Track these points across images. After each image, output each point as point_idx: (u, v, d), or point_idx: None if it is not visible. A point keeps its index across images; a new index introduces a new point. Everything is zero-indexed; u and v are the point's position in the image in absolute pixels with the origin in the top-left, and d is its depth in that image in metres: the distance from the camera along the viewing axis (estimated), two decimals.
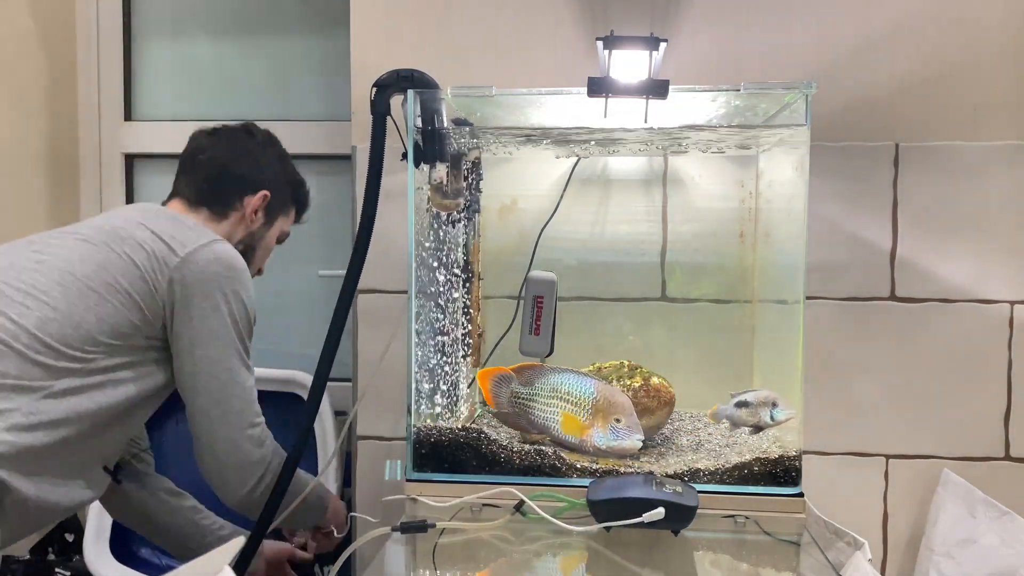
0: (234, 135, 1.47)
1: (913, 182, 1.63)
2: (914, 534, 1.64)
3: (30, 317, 1.19)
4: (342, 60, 1.77)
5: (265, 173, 1.45)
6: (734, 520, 1.31)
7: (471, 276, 1.64)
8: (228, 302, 1.29)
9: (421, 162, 1.45)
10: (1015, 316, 1.62)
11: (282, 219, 1.50)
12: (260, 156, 1.46)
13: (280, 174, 1.48)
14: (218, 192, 1.42)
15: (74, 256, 1.25)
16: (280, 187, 1.47)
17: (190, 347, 1.27)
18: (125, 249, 1.26)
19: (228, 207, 1.42)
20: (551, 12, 1.68)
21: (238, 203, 1.43)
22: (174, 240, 1.29)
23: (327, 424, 1.90)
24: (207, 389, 1.28)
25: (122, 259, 1.25)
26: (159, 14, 2.20)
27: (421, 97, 1.42)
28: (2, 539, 1.19)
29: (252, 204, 1.43)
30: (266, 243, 1.49)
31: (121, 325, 1.24)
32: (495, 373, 1.43)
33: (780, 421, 1.38)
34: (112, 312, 1.23)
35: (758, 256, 1.65)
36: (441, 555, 1.23)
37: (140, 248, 1.27)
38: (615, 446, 1.33)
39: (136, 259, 1.26)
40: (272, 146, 1.49)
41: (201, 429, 1.30)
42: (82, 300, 1.21)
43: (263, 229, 1.47)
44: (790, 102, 1.40)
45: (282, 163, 1.49)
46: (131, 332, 1.25)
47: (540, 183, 1.69)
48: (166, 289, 1.26)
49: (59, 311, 1.20)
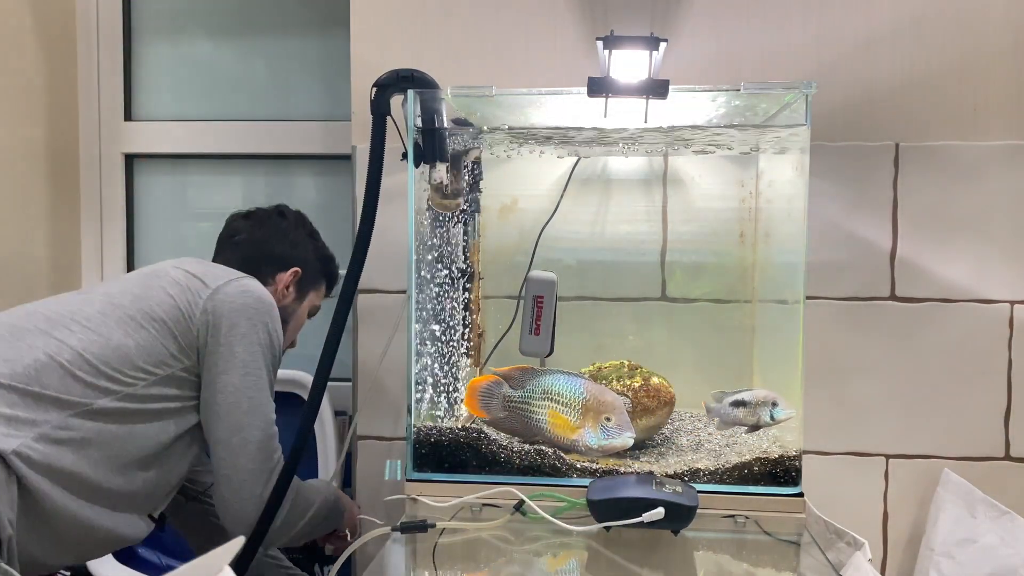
0: (268, 217, 1.55)
1: (913, 182, 1.63)
2: (914, 534, 1.64)
3: (73, 338, 1.25)
4: (342, 60, 1.77)
5: (297, 251, 1.53)
6: (734, 520, 1.31)
7: (471, 276, 1.64)
8: (255, 332, 1.33)
9: (421, 162, 1.45)
10: (1015, 316, 1.62)
11: (313, 294, 1.56)
12: (292, 235, 1.54)
13: (311, 251, 1.55)
14: (254, 270, 1.47)
15: (114, 289, 1.34)
16: (311, 263, 1.54)
17: (215, 375, 1.31)
18: (162, 283, 1.34)
19: (262, 283, 1.46)
20: (551, 12, 1.68)
21: (271, 280, 1.50)
22: (206, 275, 1.36)
23: (327, 424, 1.90)
24: (228, 416, 1.31)
25: (158, 292, 1.33)
26: (159, 14, 2.20)
27: (421, 97, 1.42)
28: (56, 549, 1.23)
29: (284, 280, 1.50)
30: (298, 317, 1.55)
31: (158, 352, 1.29)
32: (484, 381, 1.42)
33: (780, 420, 1.38)
34: (150, 339, 1.29)
35: (758, 256, 1.65)
36: (441, 555, 1.23)
37: (175, 283, 1.34)
38: (606, 445, 1.34)
39: (171, 292, 1.33)
40: (303, 226, 1.57)
41: (220, 460, 1.32)
42: (121, 326, 1.28)
43: (295, 304, 1.53)
44: (790, 102, 1.40)
45: (313, 241, 1.57)
46: (169, 361, 1.30)
47: (540, 183, 1.69)
48: (199, 319, 1.31)
49: (101, 335, 1.26)
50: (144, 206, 2.21)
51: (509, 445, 1.37)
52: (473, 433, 1.38)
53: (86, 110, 2.16)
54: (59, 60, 2.10)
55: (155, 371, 1.28)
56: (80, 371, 1.23)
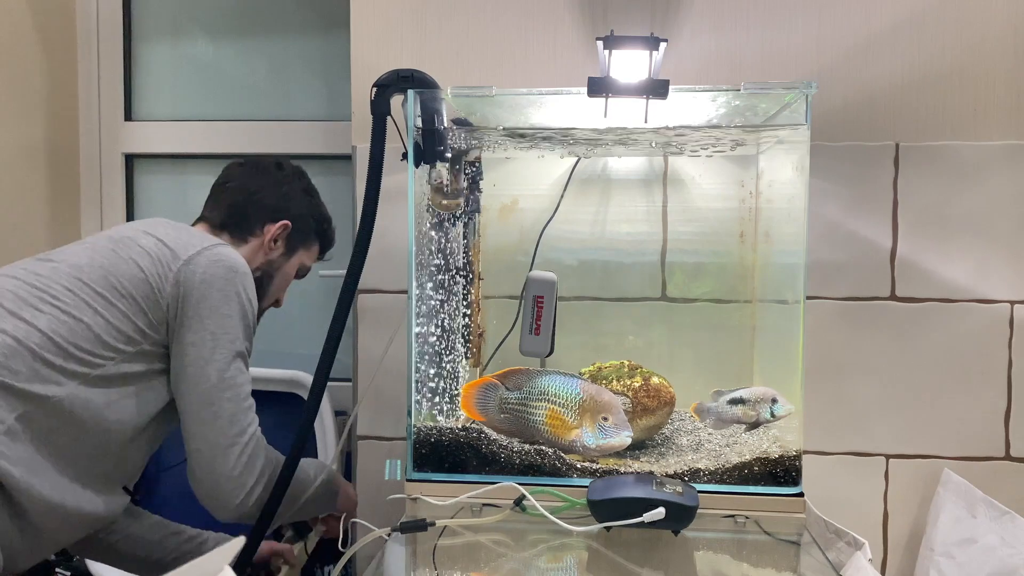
0: (263, 166, 1.51)
1: (913, 182, 1.63)
2: (914, 534, 1.64)
3: (42, 320, 1.21)
4: (342, 60, 1.77)
5: (289, 204, 1.49)
6: (734, 520, 1.31)
7: (471, 276, 1.64)
8: (227, 303, 1.29)
9: (421, 162, 1.45)
10: (1015, 316, 1.62)
11: (303, 252, 1.52)
12: (286, 187, 1.50)
13: (305, 207, 1.51)
14: (240, 218, 1.45)
15: (82, 261, 1.28)
16: (303, 219, 1.50)
17: (184, 347, 1.28)
18: (131, 255, 1.29)
19: (248, 233, 1.46)
20: (551, 12, 1.68)
21: (258, 230, 1.46)
22: (177, 244, 1.31)
23: (327, 424, 1.90)
24: (197, 389, 1.27)
25: (127, 264, 1.28)
26: (159, 14, 2.20)
27: (421, 97, 1.42)
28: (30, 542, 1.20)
29: (272, 232, 1.46)
30: (284, 273, 1.51)
31: (128, 328, 1.25)
32: (480, 384, 1.42)
33: (781, 416, 1.38)
34: (119, 316, 1.25)
35: (758, 256, 1.65)
36: (441, 555, 1.23)
37: (144, 253, 1.29)
38: (604, 444, 1.34)
39: (141, 263, 1.28)
40: (299, 179, 1.53)
41: (190, 434, 1.29)
42: (90, 304, 1.24)
43: (282, 259, 1.49)
44: (790, 102, 1.40)
45: (308, 197, 1.52)
46: (139, 338, 1.27)
47: (540, 183, 1.69)
48: (170, 292, 1.27)
49: (70, 315, 1.23)
50: (144, 206, 2.21)
51: (509, 445, 1.37)
52: (473, 433, 1.38)
53: (86, 110, 2.16)
54: (59, 60, 2.10)
55: (125, 348, 1.25)
56: (50, 354, 1.19)
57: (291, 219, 1.48)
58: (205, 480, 1.28)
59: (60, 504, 1.21)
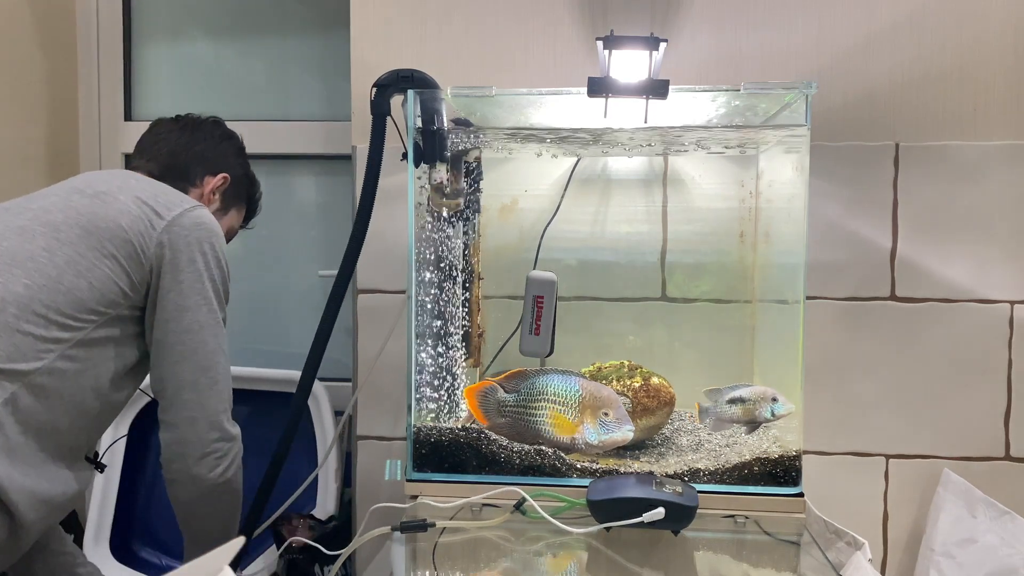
0: (198, 122, 1.48)
1: (913, 182, 1.63)
2: (914, 534, 1.64)
3: (18, 284, 1.14)
4: (342, 60, 1.77)
5: (227, 160, 1.46)
6: (734, 520, 1.31)
7: (471, 276, 1.64)
8: (212, 267, 1.27)
9: (421, 162, 1.45)
10: (1015, 316, 1.62)
11: (235, 212, 1.50)
12: (225, 144, 1.47)
13: (240, 167, 1.49)
14: (181, 168, 1.41)
15: (58, 219, 1.20)
16: (239, 179, 1.48)
17: (177, 312, 1.23)
18: (111, 212, 1.22)
19: (189, 183, 1.41)
20: (551, 12, 1.68)
21: (199, 182, 1.42)
22: (158, 203, 1.26)
23: (327, 424, 1.90)
24: (195, 356, 1.24)
25: (109, 224, 1.21)
26: (159, 14, 2.20)
27: (421, 97, 1.42)
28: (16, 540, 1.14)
29: (211, 184, 1.43)
30: None
31: (111, 291, 1.20)
32: (479, 388, 1.42)
33: (782, 416, 1.38)
34: (103, 278, 1.19)
35: (758, 256, 1.65)
36: (441, 555, 1.23)
37: (125, 212, 1.23)
38: (607, 440, 1.33)
39: (123, 223, 1.22)
40: (231, 139, 1.50)
41: (184, 403, 1.24)
42: (71, 266, 1.17)
43: (218, 214, 1.44)
44: (790, 102, 1.40)
45: (242, 158, 1.50)
46: (120, 300, 1.21)
47: (540, 183, 1.70)
48: (153, 252, 1.23)
49: (50, 277, 1.15)
50: None
51: (509, 445, 1.37)
52: (473, 433, 1.38)
53: (86, 110, 2.16)
54: (59, 60, 2.10)
55: (107, 311, 1.19)
56: (28, 324, 1.12)
57: (231, 175, 1.45)
58: (196, 450, 1.25)
59: (43, 492, 1.15)
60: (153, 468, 1.99)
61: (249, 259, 2.16)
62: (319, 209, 2.17)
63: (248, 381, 1.98)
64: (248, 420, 2.03)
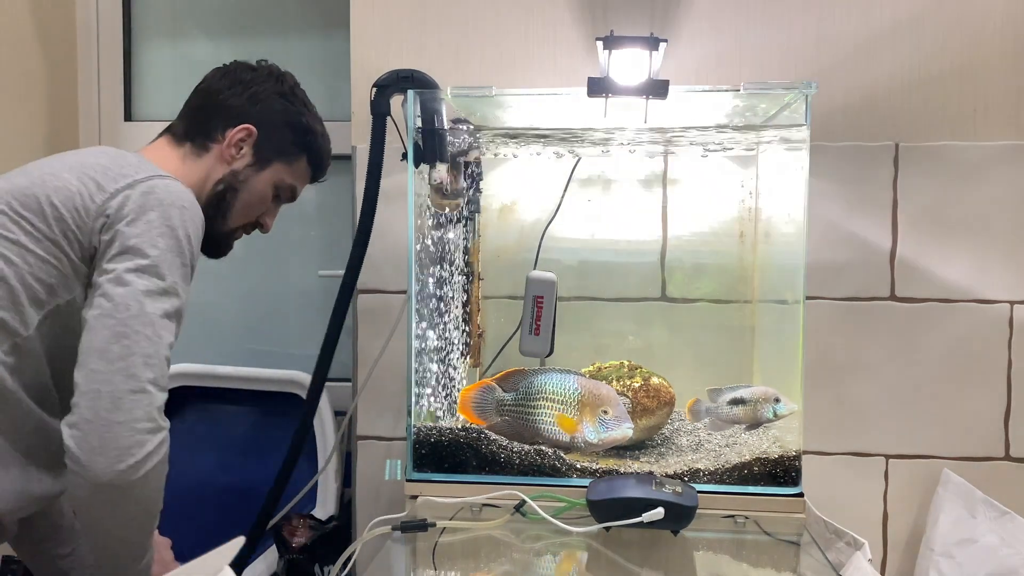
0: (238, 68, 1.33)
1: (913, 182, 1.63)
2: (914, 534, 1.64)
3: None
4: (342, 60, 1.77)
5: (257, 107, 1.29)
6: (734, 520, 1.31)
7: (471, 276, 1.64)
8: (156, 237, 1.08)
9: (421, 162, 1.45)
10: (1015, 316, 1.62)
11: (281, 166, 1.32)
12: (256, 88, 1.31)
13: (278, 113, 1.31)
14: (202, 123, 1.29)
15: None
16: (274, 127, 1.30)
17: (106, 278, 1.07)
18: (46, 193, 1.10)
19: (209, 139, 1.28)
20: (551, 12, 1.68)
21: (219, 136, 1.28)
22: (106, 176, 1.12)
23: (327, 424, 1.90)
24: (110, 320, 1.04)
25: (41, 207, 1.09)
26: (159, 14, 2.20)
27: (421, 97, 1.43)
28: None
29: (232, 137, 1.28)
30: (254, 188, 1.30)
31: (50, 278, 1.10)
32: (476, 388, 1.41)
33: (784, 415, 1.38)
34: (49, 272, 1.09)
35: (758, 256, 1.65)
36: (441, 554, 1.23)
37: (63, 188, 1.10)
38: (606, 438, 1.33)
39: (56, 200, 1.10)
40: (275, 82, 1.33)
41: (89, 373, 1.03)
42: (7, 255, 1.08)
43: (250, 171, 1.29)
44: (790, 102, 1.40)
45: (284, 101, 1.32)
46: (62, 289, 1.10)
47: (540, 183, 1.69)
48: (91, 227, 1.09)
49: None
50: None
51: (509, 445, 1.37)
52: (473, 433, 1.38)
53: (86, 110, 2.16)
54: (59, 60, 2.10)
55: (53, 301, 1.09)
56: None
57: (258, 124, 1.28)
58: (94, 431, 1.01)
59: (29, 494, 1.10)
60: None
61: (249, 259, 2.16)
62: (319, 209, 2.17)
63: (248, 381, 1.98)
64: (248, 420, 2.05)
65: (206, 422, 2.01)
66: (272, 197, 1.33)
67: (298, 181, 1.35)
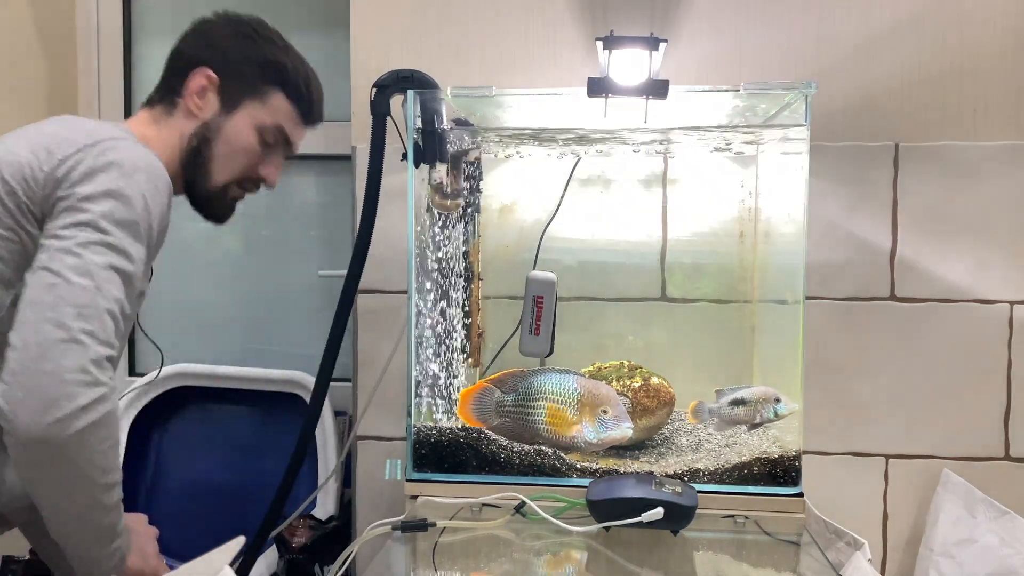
0: (199, 21, 1.27)
1: (913, 182, 1.63)
2: (914, 534, 1.64)
3: None
4: (342, 60, 1.77)
5: (214, 51, 1.23)
6: (734, 520, 1.31)
7: (471, 276, 1.64)
8: (106, 195, 1.03)
9: (421, 162, 1.45)
10: (1015, 316, 1.62)
11: (255, 106, 1.24)
12: (213, 34, 1.25)
13: (236, 51, 1.23)
14: (167, 81, 1.24)
15: None
16: (238, 66, 1.23)
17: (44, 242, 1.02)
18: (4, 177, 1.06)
19: (176, 95, 1.22)
20: (551, 12, 1.68)
21: (181, 89, 1.22)
22: (60, 142, 1.07)
23: (327, 424, 1.90)
24: (43, 274, 0.98)
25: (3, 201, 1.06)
26: (159, 14, 2.20)
27: (421, 97, 1.43)
28: None
29: (192, 87, 1.21)
30: (231, 136, 1.23)
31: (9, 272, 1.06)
32: (476, 389, 1.41)
33: (785, 415, 1.38)
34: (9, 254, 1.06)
35: (758, 256, 1.65)
36: (441, 554, 1.23)
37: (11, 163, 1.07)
38: (606, 437, 1.33)
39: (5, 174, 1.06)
40: (231, 24, 1.26)
41: (17, 325, 0.97)
42: None
43: (220, 118, 1.22)
44: (790, 102, 1.40)
45: (246, 40, 1.25)
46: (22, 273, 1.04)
47: (540, 183, 1.70)
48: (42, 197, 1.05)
49: None
50: None
51: (509, 445, 1.37)
52: (473, 433, 1.38)
53: (86, 110, 2.16)
54: (59, 60, 2.10)
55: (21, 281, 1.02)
56: None
57: (217, 68, 1.21)
58: (18, 382, 0.94)
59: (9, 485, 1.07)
60: (153, 468, 1.99)
61: (249, 259, 2.16)
62: (319, 209, 2.17)
63: (248, 381, 1.98)
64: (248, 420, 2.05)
65: (206, 422, 2.01)
66: (260, 143, 1.25)
67: (284, 120, 1.27)
